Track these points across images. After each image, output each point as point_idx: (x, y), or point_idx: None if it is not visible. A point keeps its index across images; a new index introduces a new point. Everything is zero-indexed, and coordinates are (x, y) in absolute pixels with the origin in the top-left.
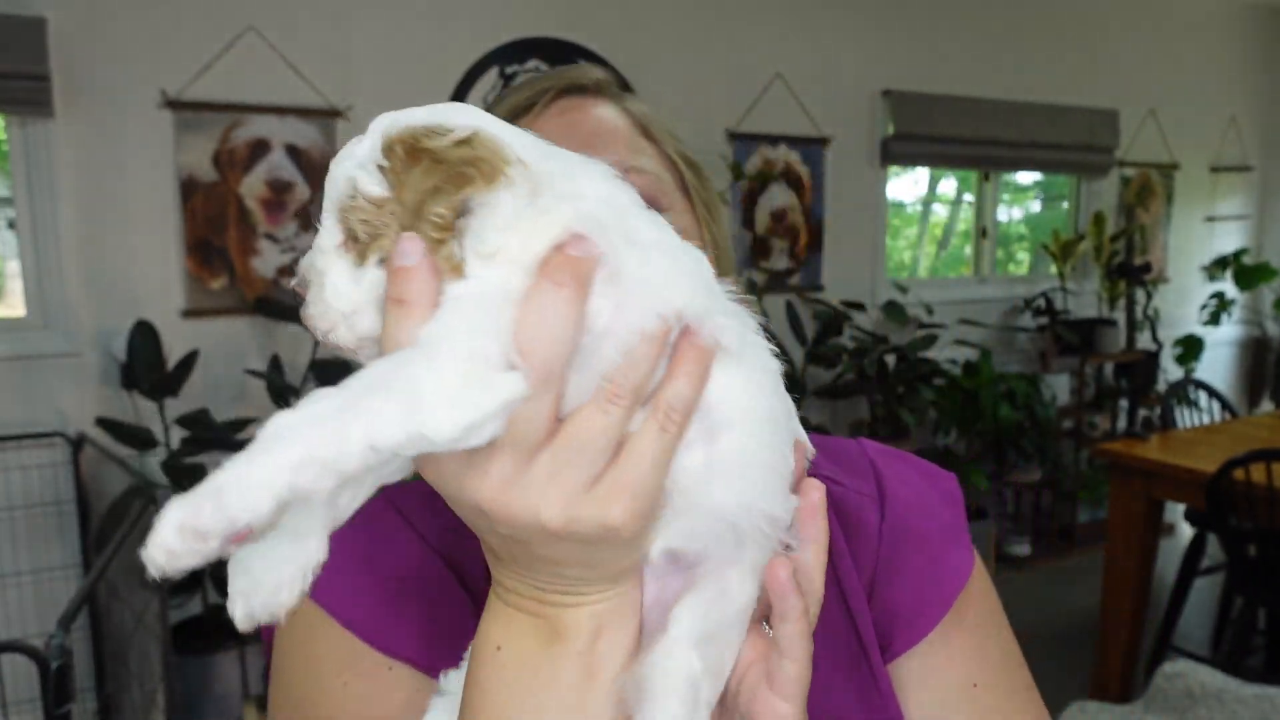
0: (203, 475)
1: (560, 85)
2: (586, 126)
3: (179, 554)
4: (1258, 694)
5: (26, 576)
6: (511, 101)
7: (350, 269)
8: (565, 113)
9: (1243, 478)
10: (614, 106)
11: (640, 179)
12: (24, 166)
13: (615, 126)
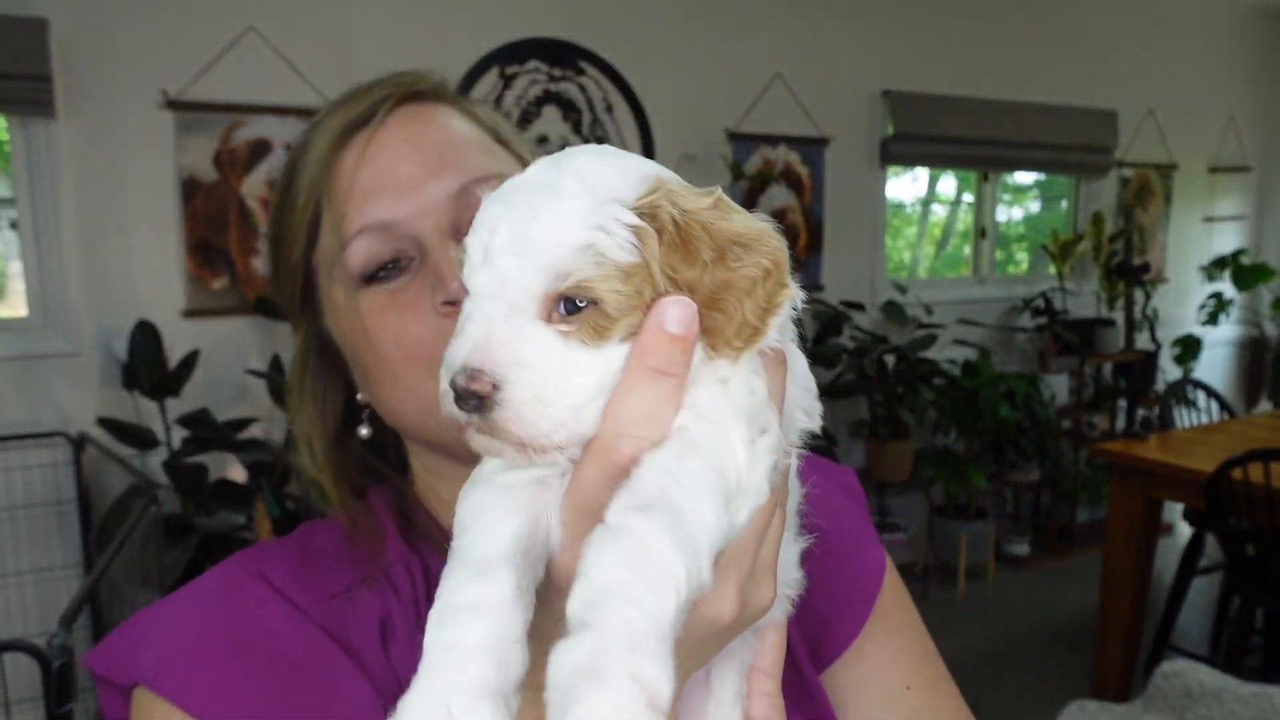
0: (204, 475)
1: (399, 93)
2: (434, 137)
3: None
4: (1256, 693)
5: (28, 576)
6: (347, 113)
7: (584, 350)
8: (408, 123)
9: (1241, 477)
10: (460, 113)
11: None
12: (25, 167)
13: (465, 135)
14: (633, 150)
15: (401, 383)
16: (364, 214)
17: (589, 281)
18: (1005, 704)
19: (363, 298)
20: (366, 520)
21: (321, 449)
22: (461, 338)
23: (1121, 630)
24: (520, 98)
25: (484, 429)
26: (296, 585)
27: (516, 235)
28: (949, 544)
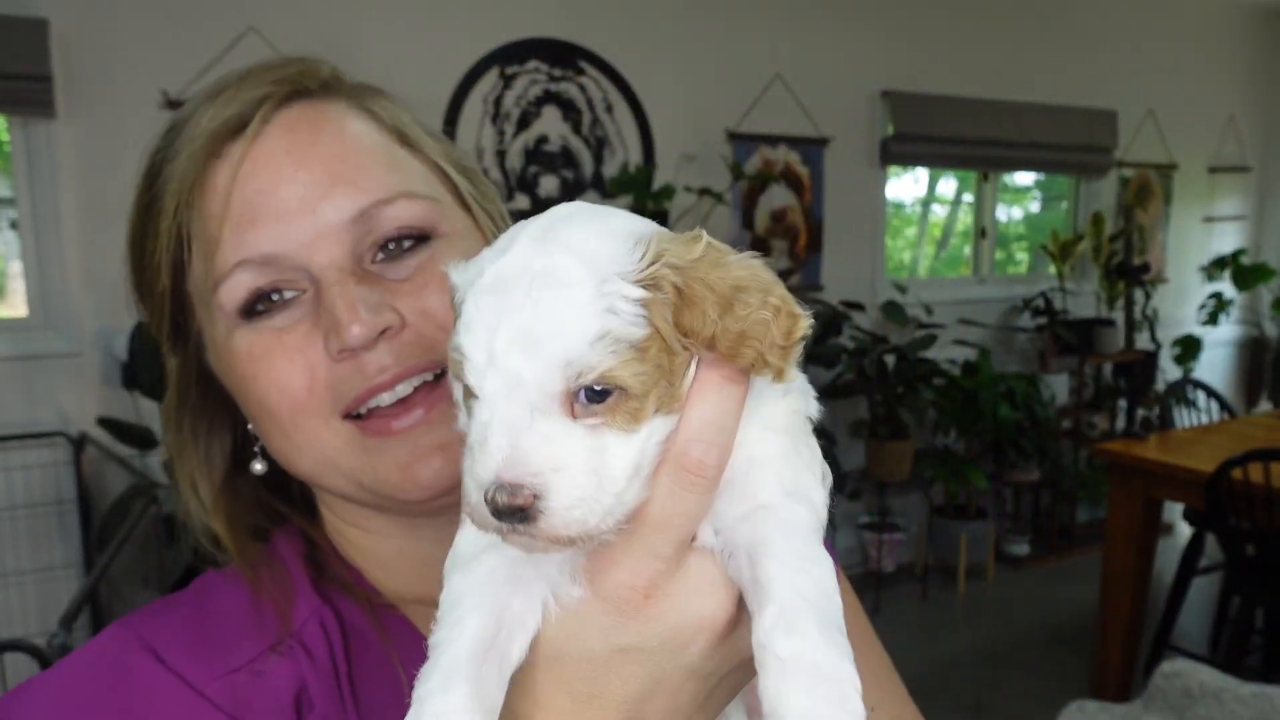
0: None
1: (281, 92)
2: (325, 148)
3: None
4: (1256, 692)
5: (28, 575)
6: (218, 115)
7: (619, 437)
8: (292, 130)
9: (1241, 477)
10: (357, 112)
11: (415, 207)
12: (26, 167)
13: (364, 142)
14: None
15: (293, 438)
16: (242, 245)
17: (611, 372)
18: (1005, 704)
19: (240, 336)
20: (271, 570)
21: (210, 493)
22: (486, 449)
23: (1121, 630)
24: (520, 98)
25: (525, 534)
26: (192, 660)
27: (523, 332)
28: (949, 544)
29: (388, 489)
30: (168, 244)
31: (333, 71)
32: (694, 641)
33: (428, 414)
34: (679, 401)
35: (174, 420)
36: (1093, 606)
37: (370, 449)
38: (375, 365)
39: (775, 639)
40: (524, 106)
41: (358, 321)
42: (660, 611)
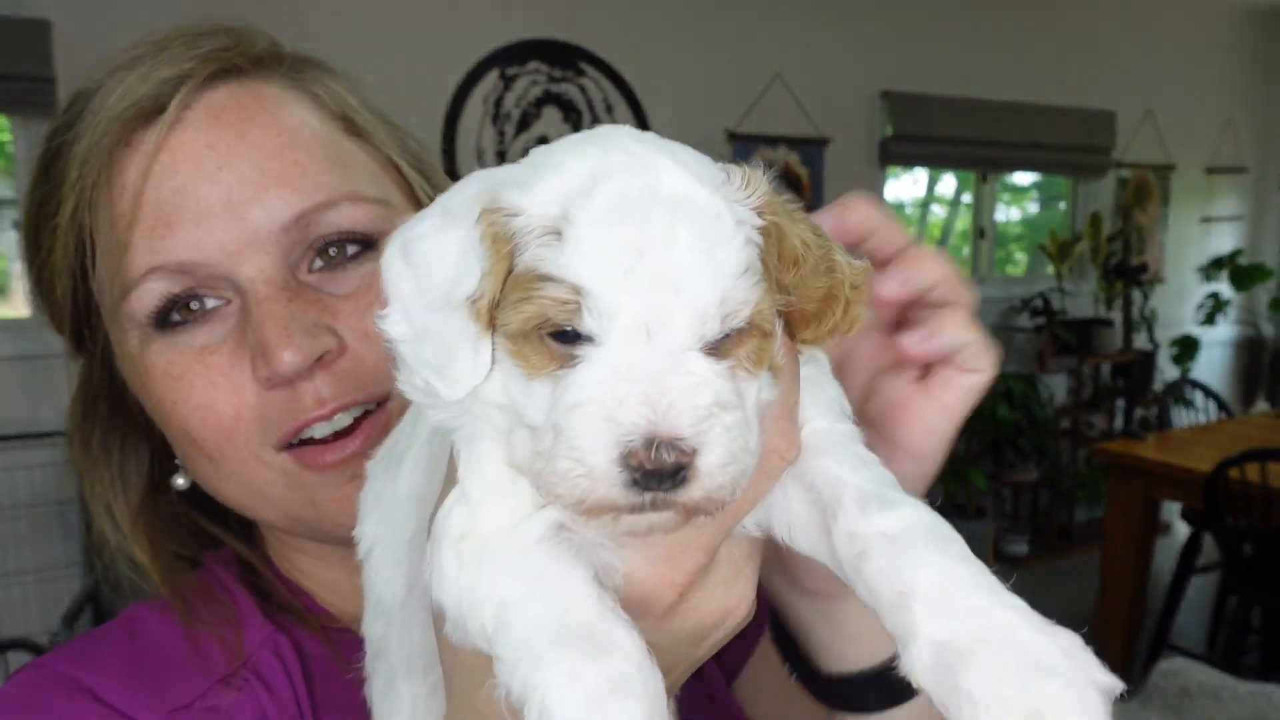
0: None
1: (207, 70)
2: (260, 138)
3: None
4: (1253, 691)
5: (30, 575)
6: (129, 94)
7: (750, 381)
8: (219, 118)
9: (1238, 477)
10: (297, 95)
11: (361, 211)
12: (28, 168)
13: (305, 133)
14: None
15: (222, 467)
16: (156, 251)
17: (757, 310)
18: None
19: (156, 351)
20: (209, 600)
21: (127, 516)
22: (629, 402)
23: (1120, 629)
24: (520, 98)
25: (662, 504)
26: (133, 697)
27: (674, 267)
28: None
29: (325, 524)
30: (66, 243)
31: (270, 44)
32: (714, 633)
33: (364, 443)
34: (776, 367)
35: (80, 435)
36: (1091, 606)
37: (305, 483)
38: (311, 397)
39: (873, 519)
40: (524, 107)
41: (289, 347)
42: (689, 607)
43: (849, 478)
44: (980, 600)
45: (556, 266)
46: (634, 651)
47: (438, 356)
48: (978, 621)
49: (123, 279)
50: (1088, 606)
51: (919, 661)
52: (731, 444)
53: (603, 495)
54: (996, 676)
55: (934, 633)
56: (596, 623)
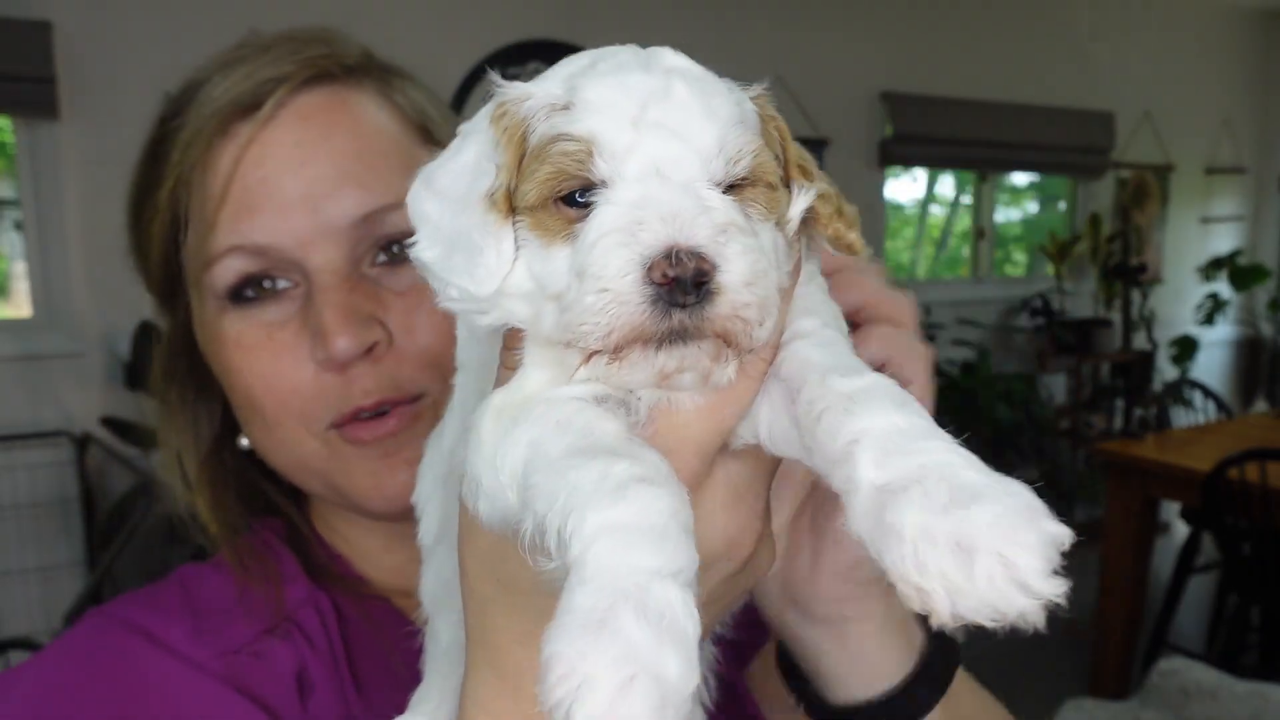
0: None
1: (302, 75)
2: (341, 140)
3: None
4: (1251, 690)
5: (33, 574)
6: (233, 89)
7: (765, 224)
8: (307, 120)
9: (1237, 476)
10: (380, 102)
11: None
12: (30, 168)
13: (381, 139)
14: None
15: (274, 433)
16: (237, 231)
17: (759, 156)
18: (1003, 702)
19: (229, 322)
20: (255, 557)
21: (195, 465)
22: (649, 221)
23: (1119, 628)
24: None
25: (691, 331)
26: (189, 639)
27: (675, 111)
28: None
29: (356, 497)
30: (163, 217)
31: (362, 53)
32: (719, 564)
33: (400, 424)
34: (785, 222)
35: (161, 388)
36: (1090, 605)
37: (343, 455)
38: (359, 388)
39: (837, 381)
40: None
41: (344, 334)
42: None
43: (816, 358)
44: (927, 445)
45: (567, 125)
46: (657, 459)
47: (466, 257)
48: (919, 461)
49: (207, 254)
50: (1087, 606)
51: (857, 510)
52: (753, 263)
53: (630, 319)
54: (926, 508)
55: (875, 478)
56: (622, 446)
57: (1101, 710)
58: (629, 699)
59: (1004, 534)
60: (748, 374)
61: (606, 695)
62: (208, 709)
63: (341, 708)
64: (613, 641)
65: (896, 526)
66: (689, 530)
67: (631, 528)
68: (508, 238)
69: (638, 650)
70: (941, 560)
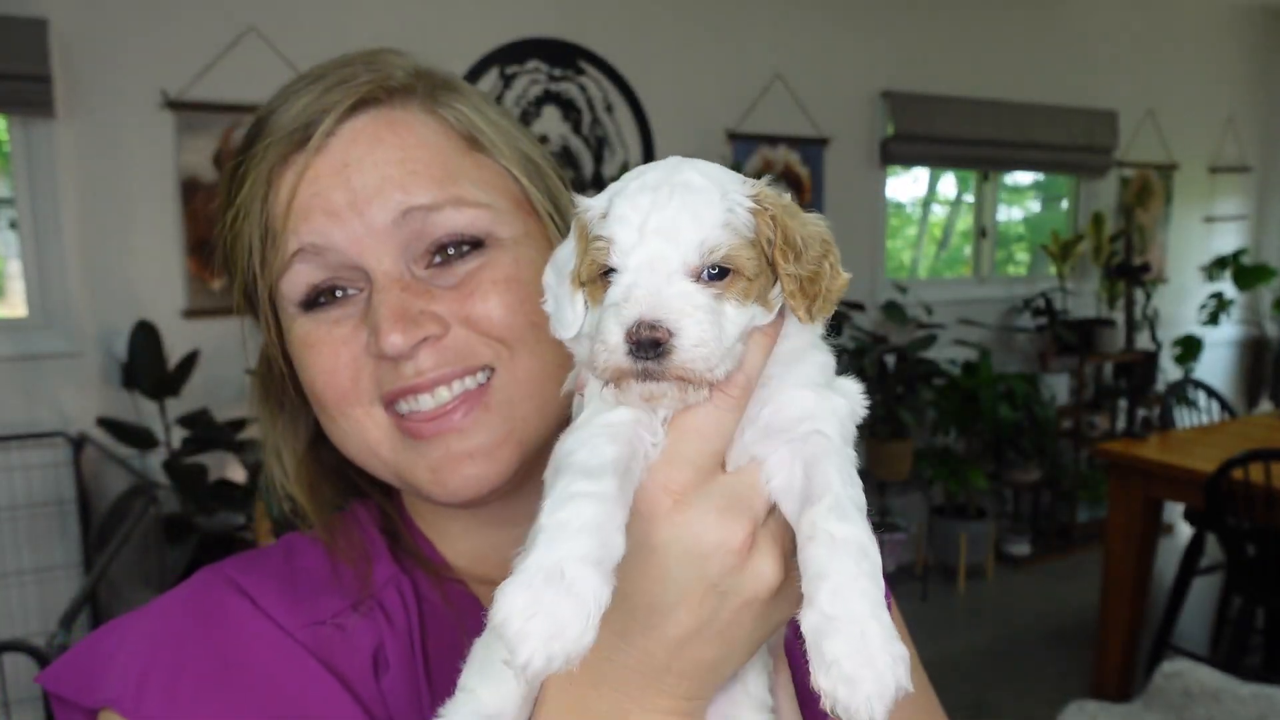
0: (203, 475)
1: (349, 103)
2: (386, 153)
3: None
4: (1255, 693)
5: (28, 576)
6: (286, 127)
7: (733, 306)
8: (357, 140)
9: (1241, 477)
10: (427, 117)
11: (463, 215)
12: (25, 167)
13: (427, 150)
14: (632, 150)
15: (339, 423)
16: (296, 236)
17: (733, 252)
18: (1005, 704)
19: (300, 325)
20: (349, 537)
21: (293, 461)
22: (631, 301)
23: (1122, 630)
24: (520, 98)
25: (655, 373)
26: (283, 606)
27: (669, 219)
28: (949, 544)
29: (422, 487)
30: (240, 243)
31: (409, 74)
32: (712, 556)
33: (463, 419)
34: (769, 305)
35: (260, 393)
36: (1093, 606)
37: (406, 445)
38: (413, 369)
39: (831, 522)
40: (524, 106)
41: (397, 331)
42: (684, 520)
43: (835, 485)
44: (861, 603)
45: (602, 229)
46: (612, 483)
47: (559, 311)
48: (851, 614)
49: (278, 265)
50: (1089, 607)
51: (808, 620)
52: (701, 331)
53: (615, 362)
54: (844, 650)
55: (825, 608)
56: (604, 468)
57: (1104, 712)
58: (529, 626)
59: (872, 684)
60: (723, 406)
61: (518, 624)
62: (291, 672)
63: (412, 687)
64: (526, 592)
65: (824, 652)
66: (606, 530)
67: (560, 526)
68: (580, 300)
69: (540, 599)
70: (840, 675)
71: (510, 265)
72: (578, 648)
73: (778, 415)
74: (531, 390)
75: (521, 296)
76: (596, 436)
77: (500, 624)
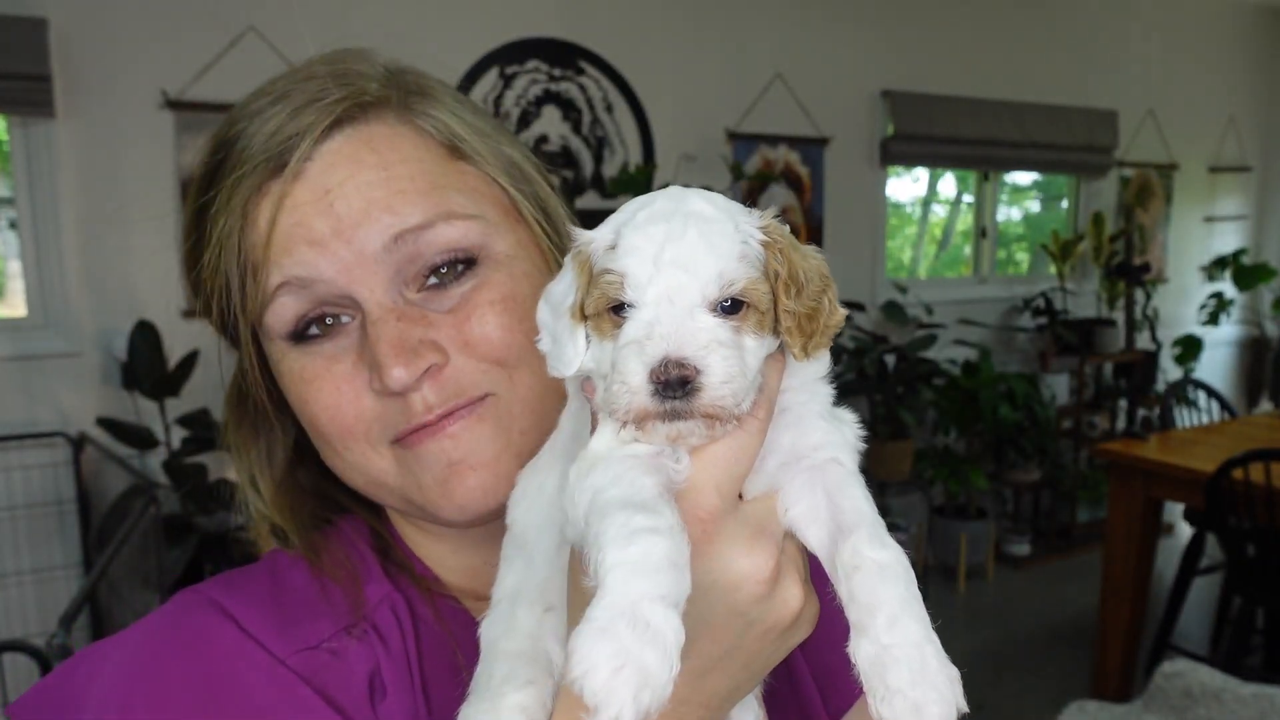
0: (203, 475)
1: (324, 123)
2: (368, 174)
3: None
4: (1256, 693)
5: (28, 576)
6: (259, 153)
7: (752, 338)
8: (335, 164)
9: (1241, 477)
10: (404, 129)
11: (455, 229)
12: (25, 167)
13: (409, 166)
14: (632, 150)
15: (343, 457)
16: (280, 269)
17: (750, 285)
18: (1005, 704)
19: (293, 359)
20: (335, 555)
21: (270, 488)
22: (653, 337)
23: (1122, 630)
24: (520, 98)
25: (682, 412)
26: (271, 631)
27: (685, 251)
28: (949, 544)
29: (430, 508)
30: (216, 281)
31: (383, 83)
32: (742, 586)
33: (455, 426)
34: (775, 335)
35: (234, 417)
36: (1093, 606)
37: (410, 467)
38: (420, 405)
39: (875, 550)
40: (524, 106)
41: (399, 364)
42: (715, 552)
43: (867, 513)
44: (916, 628)
45: (611, 263)
46: (671, 514)
47: (558, 348)
48: (909, 640)
49: (260, 299)
50: (1089, 607)
51: (864, 652)
52: (728, 367)
53: (640, 404)
54: (907, 679)
55: (882, 638)
56: (650, 500)
57: (1104, 712)
58: (618, 680)
59: (937, 709)
60: (748, 431)
61: (603, 677)
62: (283, 702)
63: (410, 713)
64: (611, 642)
65: (888, 682)
66: (679, 567)
67: (635, 565)
68: (580, 335)
69: (627, 648)
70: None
71: (505, 283)
72: (664, 695)
73: (798, 443)
74: (531, 405)
75: (519, 315)
76: (629, 470)
77: (581, 677)
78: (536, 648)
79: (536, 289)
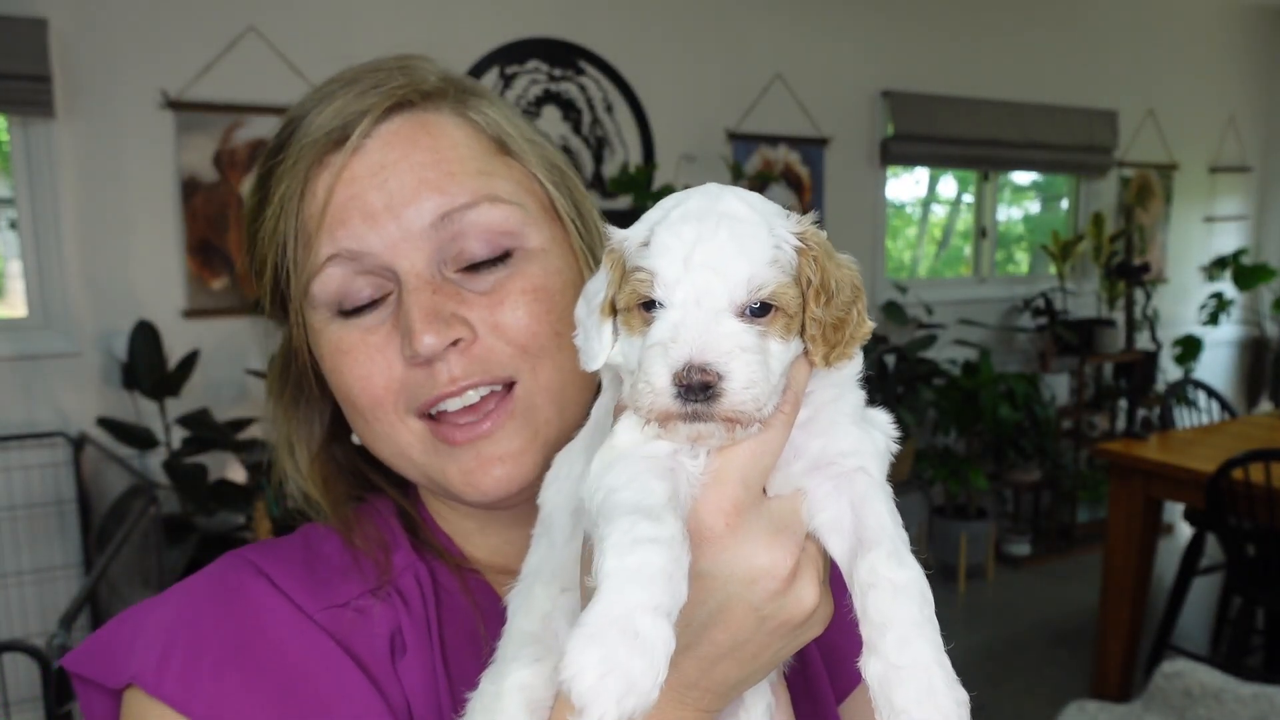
0: (203, 475)
1: (385, 105)
2: (421, 155)
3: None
4: (1256, 693)
5: (28, 576)
6: (321, 129)
7: (778, 343)
8: (392, 143)
9: (1241, 477)
10: (458, 120)
11: (497, 211)
12: (25, 167)
13: (458, 152)
14: (632, 150)
15: (372, 427)
16: (332, 241)
17: (779, 289)
18: (1005, 704)
19: (333, 330)
20: (366, 529)
21: (307, 459)
22: (679, 340)
23: (1122, 630)
24: (520, 97)
25: (704, 415)
26: (302, 589)
27: (716, 253)
28: (949, 544)
29: (453, 490)
30: (272, 242)
31: (440, 78)
32: (760, 581)
33: (493, 425)
34: (800, 339)
35: (276, 388)
36: (1093, 606)
37: (439, 450)
38: (445, 375)
39: (892, 569)
40: (524, 106)
41: (430, 332)
42: (736, 543)
43: (890, 529)
44: (926, 650)
45: (643, 260)
46: (677, 526)
47: (588, 342)
48: (918, 661)
49: (310, 268)
50: (1089, 607)
51: (873, 669)
52: (751, 372)
53: (663, 405)
54: (914, 700)
55: (891, 657)
56: (658, 508)
57: (1104, 712)
58: (603, 685)
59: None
60: (773, 426)
61: (589, 681)
62: (310, 652)
63: (429, 671)
64: (600, 648)
65: (893, 701)
66: (675, 578)
67: (633, 573)
68: (607, 330)
69: (615, 655)
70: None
71: (539, 275)
72: (647, 702)
73: (827, 449)
74: (553, 395)
75: (548, 306)
76: (643, 473)
77: (570, 679)
78: (548, 627)
79: (566, 285)
